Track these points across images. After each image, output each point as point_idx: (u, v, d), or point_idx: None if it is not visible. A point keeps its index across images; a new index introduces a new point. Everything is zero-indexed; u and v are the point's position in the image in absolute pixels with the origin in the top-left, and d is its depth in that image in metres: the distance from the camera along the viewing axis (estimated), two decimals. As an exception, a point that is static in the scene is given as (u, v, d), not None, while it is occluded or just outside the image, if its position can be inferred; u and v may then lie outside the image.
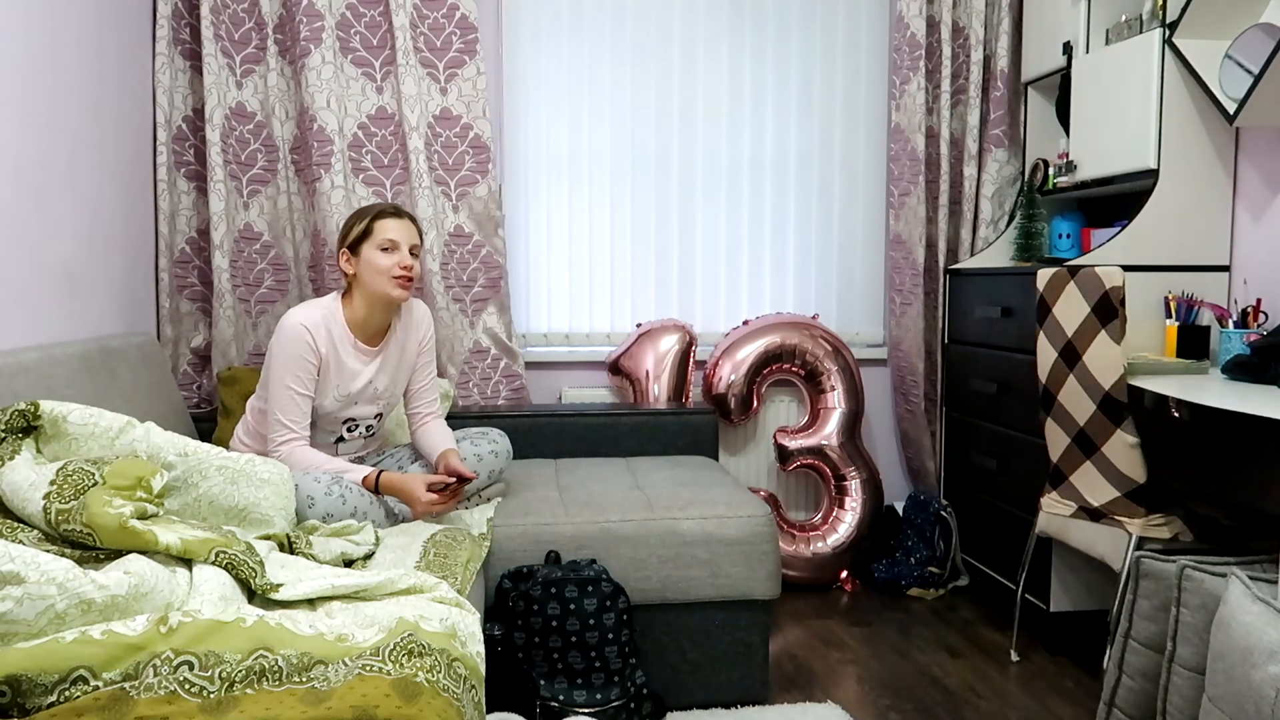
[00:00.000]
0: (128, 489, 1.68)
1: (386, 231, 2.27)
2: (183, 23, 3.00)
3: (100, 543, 1.59)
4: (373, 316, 2.32)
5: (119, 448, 1.85)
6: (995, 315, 2.99)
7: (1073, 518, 2.42)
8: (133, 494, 1.68)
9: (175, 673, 1.34)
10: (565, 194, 3.39)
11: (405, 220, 2.30)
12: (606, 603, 2.18)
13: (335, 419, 2.36)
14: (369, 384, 2.36)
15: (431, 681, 1.38)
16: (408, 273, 2.27)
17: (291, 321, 2.24)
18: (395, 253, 2.26)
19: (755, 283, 3.51)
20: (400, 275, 2.26)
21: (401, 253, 2.26)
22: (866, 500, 3.28)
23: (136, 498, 1.68)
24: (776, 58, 3.45)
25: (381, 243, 2.26)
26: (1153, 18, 2.66)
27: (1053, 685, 2.52)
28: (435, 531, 2.16)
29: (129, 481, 1.70)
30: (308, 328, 2.24)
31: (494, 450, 2.45)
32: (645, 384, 3.21)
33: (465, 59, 3.09)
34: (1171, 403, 2.05)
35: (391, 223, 2.28)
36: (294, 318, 2.25)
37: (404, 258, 2.26)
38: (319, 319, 2.27)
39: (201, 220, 3.08)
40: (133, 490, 1.69)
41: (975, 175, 3.36)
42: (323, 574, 1.75)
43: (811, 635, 2.87)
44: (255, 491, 1.92)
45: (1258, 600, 1.56)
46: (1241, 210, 2.68)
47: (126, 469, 1.72)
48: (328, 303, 2.32)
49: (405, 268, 2.26)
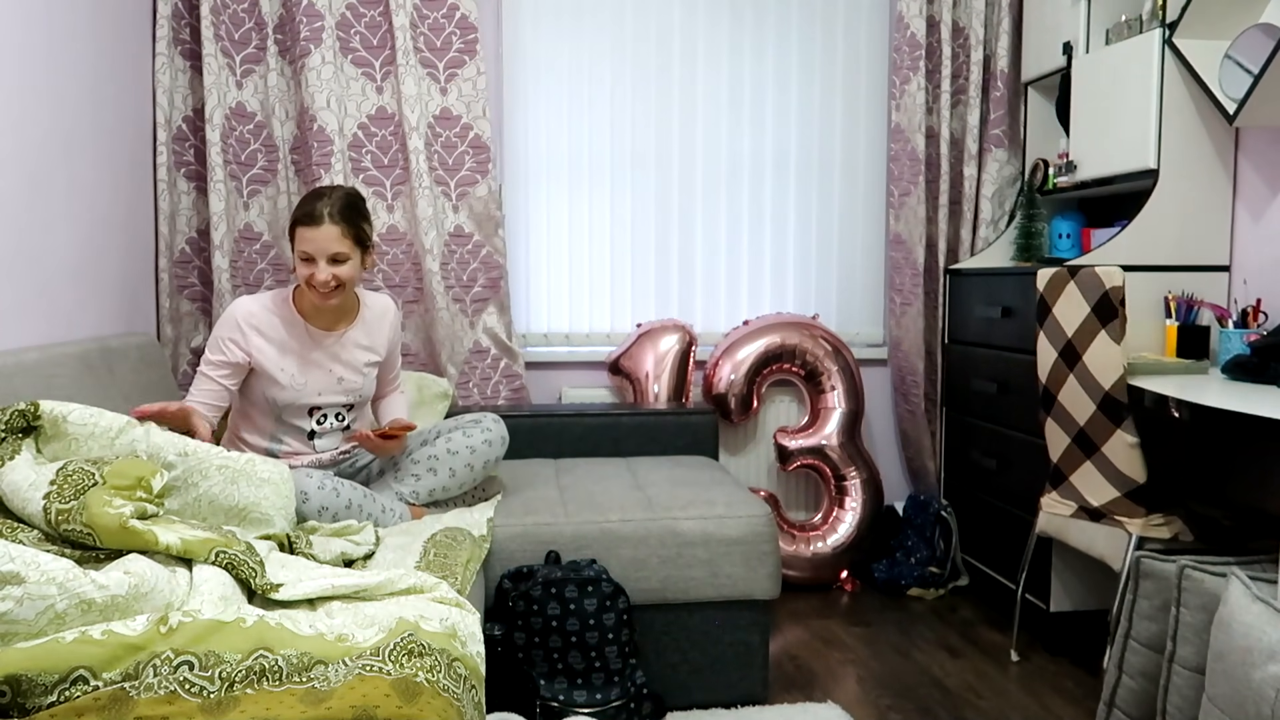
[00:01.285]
0: (128, 489, 1.68)
1: (302, 242, 2.17)
2: (183, 23, 3.00)
3: (100, 543, 1.59)
4: (319, 309, 2.29)
5: (119, 447, 1.85)
6: (995, 315, 2.99)
7: (1073, 518, 2.42)
8: (133, 494, 1.68)
9: (175, 673, 1.34)
10: (565, 194, 3.39)
11: (323, 226, 2.14)
12: (606, 603, 2.18)
13: (299, 408, 2.31)
14: (327, 370, 2.31)
15: (431, 681, 1.38)
16: (320, 287, 2.17)
17: (230, 306, 2.27)
18: (310, 264, 2.17)
19: (755, 283, 3.51)
20: (317, 288, 2.18)
21: (317, 264, 2.16)
22: (866, 500, 3.28)
23: (136, 497, 1.68)
24: (776, 58, 3.45)
25: (299, 251, 2.18)
26: (1153, 18, 2.66)
27: (1053, 685, 2.52)
28: (435, 531, 2.16)
29: (129, 481, 1.70)
30: (235, 312, 2.24)
31: (486, 439, 2.40)
32: (645, 384, 3.21)
33: (465, 59, 3.09)
34: (1171, 403, 2.05)
35: (306, 231, 2.15)
36: (235, 303, 2.27)
37: (319, 270, 2.15)
38: (258, 307, 2.26)
39: (201, 220, 3.08)
40: (133, 490, 1.69)
41: (975, 175, 3.36)
42: (323, 574, 1.75)
43: (811, 635, 2.87)
44: (255, 491, 1.92)
45: (1258, 600, 1.56)
46: (1241, 210, 2.68)
47: (126, 469, 1.72)
48: (280, 292, 2.32)
49: (320, 281, 2.16)
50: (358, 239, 2.20)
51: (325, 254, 2.16)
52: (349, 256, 2.18)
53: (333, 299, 2.21)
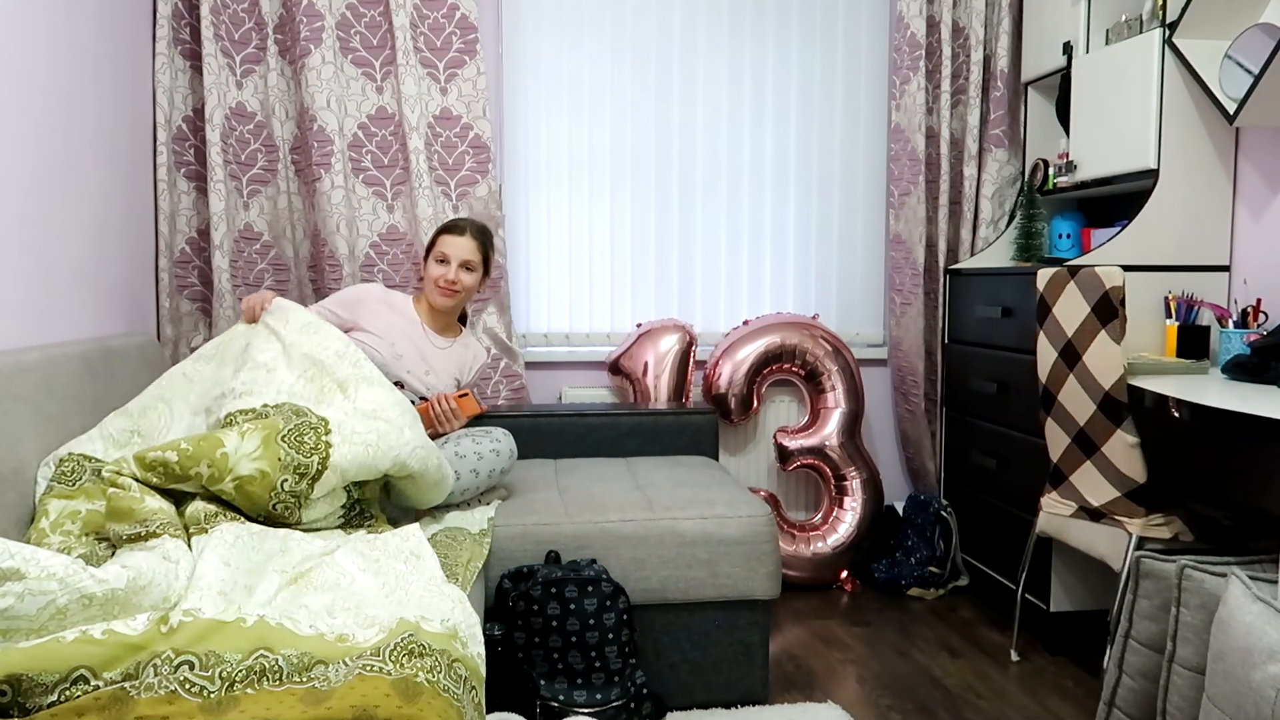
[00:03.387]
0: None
1: (442, 245, 2.56)
2: (183, 23, 3.00)
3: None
4: (433, 316, 2.63)
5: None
6: (995, 315, 2.99)
7: (1073, 518, 2.42)
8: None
9: (175, 672, 1.35)
10: (565, 194, 3.39)
11: (465, 237, 2.56)
12: (606, 603, 2.18)
13: (388, 373, 2.49)
14: (422, 359, 2.56)
15: (432, 682, 1.38)
16: (449, 286, 2.54)
17: (366, 285, 2.66)
18: (444, 265, 2.55)
19: (755, 283, 3.51)
20: (443, 286, 2.54)
21: (449, 266, 2.54)
22: (866, 500, 3.28)
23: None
24: (776, 58, 3.45)
25: (437, 254, 2.57)
26: (1153, 18, 2.66)
27: (1053, 685, 2.52)
28: (436, 531, 2.16)
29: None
30: (370, 289, 2.63)
31: (495, 449, 2.45)
32: (645, 384, 3.21)
33: (465, 59, 3.09)
34: (1171, 403, 2.05)
35: (449, 238, 2.57)
36: (371, 285, 2.67)
37: (448, 271, 2.54)
38: (387, 294, 2.64)
39: (201, 220, 3.08)
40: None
41: (975, 175, 3.36)
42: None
43: (811, 635, 2.87)
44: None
45: (1258, 600, 1.56)
46: (1241, 210, 2.68)
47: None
48: (405, 294, 2.70)
49: (447, 280, 2.54)
50: (485, 259, 2.61)
51: (459, 259, 2.55)
52: (476, 269, 2.59)
53: (450, 300, 2.57)
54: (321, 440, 1.97)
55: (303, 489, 1.92)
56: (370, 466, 2.02)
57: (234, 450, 1.88)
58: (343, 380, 2.19)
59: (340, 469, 1.97)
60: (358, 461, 2.00)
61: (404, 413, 2.18)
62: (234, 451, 1.88)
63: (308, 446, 1.95)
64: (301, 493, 1.92)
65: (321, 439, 1.98)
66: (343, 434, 2.00)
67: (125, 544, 1.68)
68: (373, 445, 2.03)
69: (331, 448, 1.97)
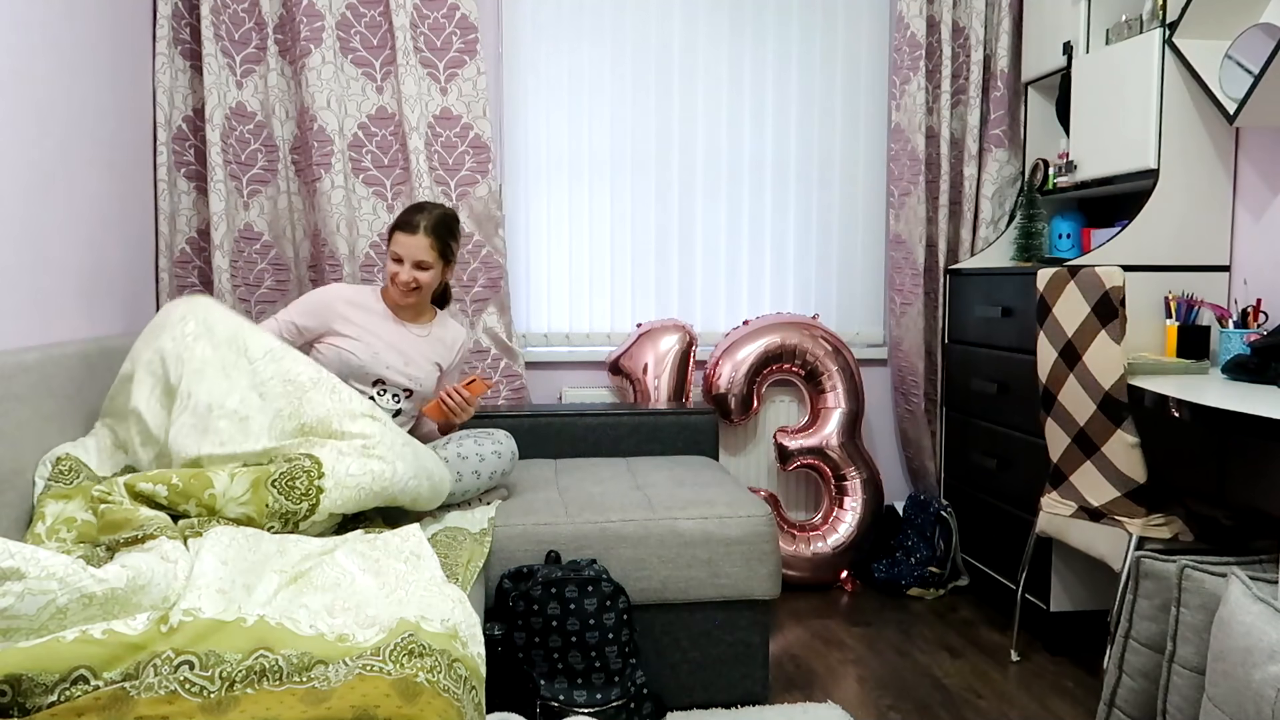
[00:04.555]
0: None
1: (395, 244, 2.45)
2: (183, 23, 3.00)
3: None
4: (399, 306, 2.53)
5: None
6: (995, 315, 2.99)
7: (1073, 518, 2.42)
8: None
9: (175, 672, 1.34)
10: (565, 194, 3.39)
11: (416, 235, 2.42)
12: (606, 603, 2.18)
13: (367, 375, 2.44)
14: (399, 351, 2.48)
15: (432, 682, 1.38)
16: (401, 286, 2.44)
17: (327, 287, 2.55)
18: (398, 264, 2.45)
19: (755, 283, 3.51)
20: (400, 286, 2.44)
21: (402, 266, 2.43)
22: (866, 500, 3.28)
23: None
24: (776, 58, 3.45)
25: (392, 252, 2.46)
26: (1153, 18, 2.66)
27: (1053, 685, 2.52)
28: (436, 531, 2.16)
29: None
30: (334, 291, 2.52)
31: (496, 450, 2.45)
32: (645, 384, 3.21)
33: (465, 59, 3.09)
34: (1171, 403, 2.05)
35: (401, 236, 2.44)
36: (332, 285, 2.56)
37: (402, 271, 2.43)
38: (351, 293, 2.52)
39: (201, 220, 3.08)
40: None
41: (975, 175, 3.36)
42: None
43: (811, 635, 2.87)
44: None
45: (1258, 600, 1.56)
46: (1241, 210, 2.68)
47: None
48: (369, 287, 2.59)
49: (403, 281, 2.44)
50: (443, 253, 2.48)
51: (412, 259, 2.43)
52: (431, 266, 2.46)
53: (410, 298, 2.48)
54: (313, 485, 1.95)
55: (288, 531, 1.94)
56: (364, 504, 2.03)
57: (222, 493, 1.88)
58: (325, 415, 2.09)
59: (329, 511, 1.97)
60: (350, 503, 2.00)
61: (394, 442, 2.11)
62: (222, 494, 1.88)
63: (298, 492, 1.93)
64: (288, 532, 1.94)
65: (314, 483, 1.95)
66: (335, 478, 1.98)
67: (123, 547, 1.68)
68: (365, 488, 2.01)
69: (323, 493, 1.95)
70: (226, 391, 2.09)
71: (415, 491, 2.13)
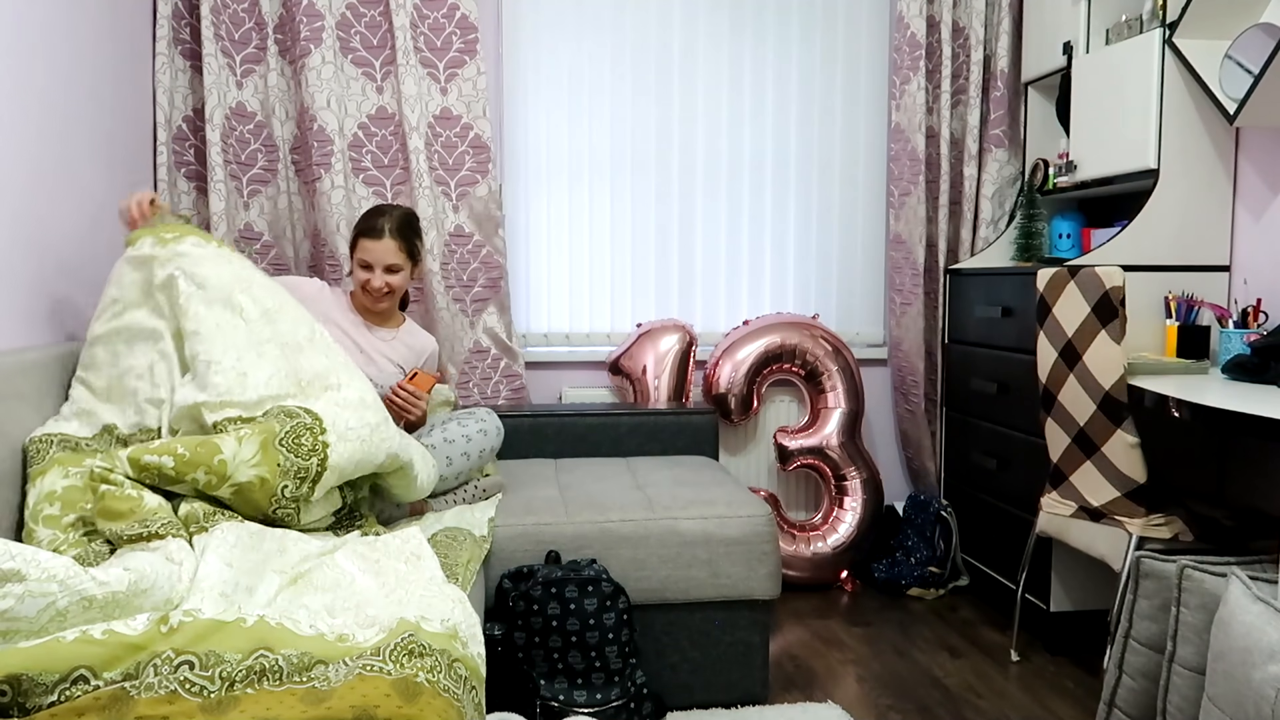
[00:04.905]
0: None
1: (364, 252, 2.44)
2: (183, 23, 3.00)
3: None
4: (369, 311, 2.53)
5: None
6: (995, 315, 2.99)
7: (1073, 518, 2.42)
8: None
9: (176, 672, 1.34)
10: (565, 194, 3.39)
11: (384, 240, 2.41)
12: (606, 603, 2.18)
13: None
14: (367, 356, 2.49)
15: (432, 682, 1.38)
16: (374, 293, 2.45)
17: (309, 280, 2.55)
18: (368, 270, 2.44)
19: (755, 283, 3.51)
20: (373, 293, 2.45)
21: (373, 272, 2.43)
22: (866, 500, 3.28)
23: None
24: (777, 58, 3.45)
25: (359, 259, 2.45)
26: (1153, 18, 2.66)
27: (1053, 685, 2.52)
28: (436, 532, 2.16)
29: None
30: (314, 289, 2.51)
31: (482, 429, 2.47)
32: (645, 384, 3.21)
33: (465, 59, 3.09)
34: (1171, 403, 2.05)
35: (368, 243, 2.43)
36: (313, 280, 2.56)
37: (374, 278, 2.43)
38: (330, 294, 2.54)
39: (202, 220, 3.08)
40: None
41: (975, 175, 3.36)
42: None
43: (811, 635, 2.87)
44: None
45: (1258, 600, 1.56)
46: (1241, 210, 2.68)
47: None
48: (340, 286, 2.59)
49: (372, 288, 2.44)
50: (410, 253, 2.48)
51: (382, 264, 2.43)
52: (401, 268, 2.46)
53: (383, 303, 2.48)
54: (319, 441, 1.94)
55: (303, 492, 1.91)
56: (366, 462, 2.01)
57: (232, 456, 1.85)
58: (321, 371, 2.10)
59: (339, 469, 1.96)
60: (355, 459, 1.98)
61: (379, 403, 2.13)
62: (232, 458, 1.85)
63: (305, 448, 1.93)
64: (302, 496, 1.91)
65: (318, 439, 1.95)
66: (337, 431, 1.97)
67: (126, 544, 1.68)
68: (366, 440, 2.01)
69: (329, 447, 1.94)
70: (224, 349, 2.05)
71: (409, 453, 2.11)
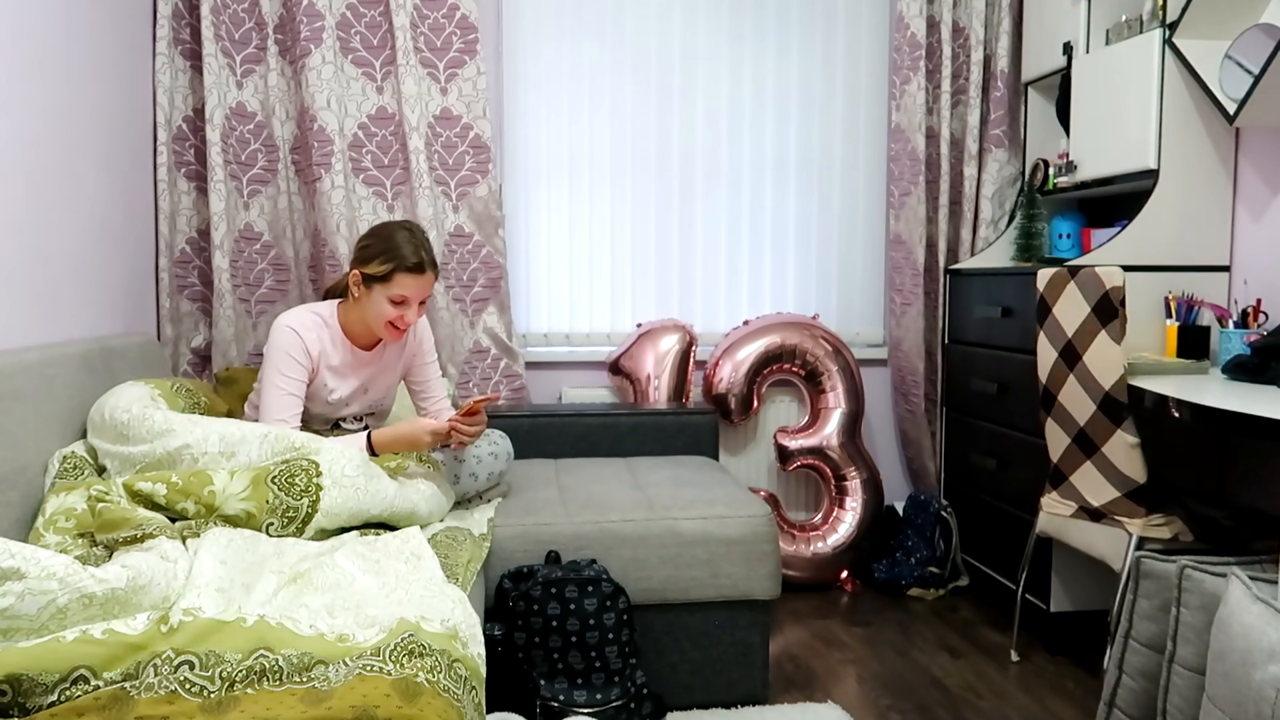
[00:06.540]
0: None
1: (404, 288, 2.23)
2: (183, 23, 3.00)
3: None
4: (367, 332, 2.36)
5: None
6: (995, 315, 2.99)
7: (1073, 518, 2.42)
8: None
9: (176, 672, 1.34)
10: (565, 194, 3.39)
11: (427, 276, 2.25)
12: (606, 603, 2.18)
13: (325, 419, 2.40)
14: (361, 387, 2.41)
15: (432, 682, 1.38)
16: (405, 325, 2.27)
17: (282, 325, 2.27)
18: (402, 306, 2.25)
19: (755, 283, 3.51)
20: (400, 327, 2.27)
21: (409, 308, 2.25)
22: (867, 500, 3.28)
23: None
24: (777, 58, 3.45)
25: (395, 295, 2.23)
26: (1153, 18, 2.66)
27: (1053, 685, 2.52)
28: (436, 532, 2.16)
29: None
30: (297, 330, 2.27)
31: (494, 452, 2.46)
32: (645, 384, 3.21)
33: (465, 59, 3.09)
34: (1171, 403, 2.05)
35: (411, 280, 2.23)
36: (284, 321, 2.28)
37: (409, 313, 2.26)
38: (310, 323, 2.30)
39: (201, 220, 3.08)
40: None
41: (975, 175, 3.36)
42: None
43: (811, 635, 2.87)
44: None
45: (1258, 600, 1.56)
46: (1241, 210, 2.68)
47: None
48: (323, 309, 2.34)
49: (406, 324, 2.27)
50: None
51: (420, 297, 2.26)
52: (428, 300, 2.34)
53: (399, 338, 2.31)
54: (312, 482, 1.94)
55: (290, 533, 1.91)
56: (360, 512, 1.99)
57: (221, 489, 1.87)
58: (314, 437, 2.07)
59: (330, 513, 1.94)
60: (348, 507, 1.97)
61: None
62: (221, 490, 1.87)
63: (298, 488, 1.92)
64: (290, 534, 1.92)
65: (312, 480, 1.94)
66: (333, 476, 1.96)
67: (122, 546, 1.68)
68: (362, 489, 1.99)
69: (322, 490, 1.93)
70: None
71: (409, 502, 2.10)
